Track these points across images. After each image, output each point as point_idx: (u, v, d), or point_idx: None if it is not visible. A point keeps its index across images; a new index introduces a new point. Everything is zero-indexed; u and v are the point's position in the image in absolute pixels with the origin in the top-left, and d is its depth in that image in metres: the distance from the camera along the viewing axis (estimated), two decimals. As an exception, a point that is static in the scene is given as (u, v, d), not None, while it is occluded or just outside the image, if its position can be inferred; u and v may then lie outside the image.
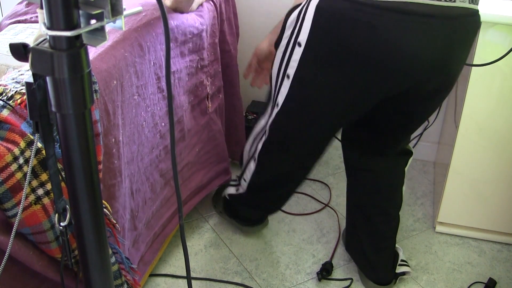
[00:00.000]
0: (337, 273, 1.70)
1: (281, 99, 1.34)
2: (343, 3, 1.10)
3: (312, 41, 1.19)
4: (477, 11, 1.18)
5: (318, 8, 1.15)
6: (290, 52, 1.26)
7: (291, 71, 1.28)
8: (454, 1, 1.09)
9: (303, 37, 1.21)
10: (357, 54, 1.13)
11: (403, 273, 1.64)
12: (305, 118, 1.34)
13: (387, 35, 1.09)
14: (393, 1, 1.06)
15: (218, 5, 1.79)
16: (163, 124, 1.48)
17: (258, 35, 2.26)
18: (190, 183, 1.75)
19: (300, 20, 1.21)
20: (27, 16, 1.54)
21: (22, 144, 0.90)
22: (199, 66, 1.66)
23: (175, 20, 1.49)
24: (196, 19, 1.58)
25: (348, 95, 1.25)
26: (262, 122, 1.51)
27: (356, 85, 1.21)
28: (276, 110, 1.38)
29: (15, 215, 0.90)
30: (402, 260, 1.66)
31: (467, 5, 1.12)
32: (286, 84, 1.30)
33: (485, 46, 1.57)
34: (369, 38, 1.10)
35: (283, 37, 1.29)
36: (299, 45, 1.22)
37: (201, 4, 1.67)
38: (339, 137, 1.60)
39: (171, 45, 1.47)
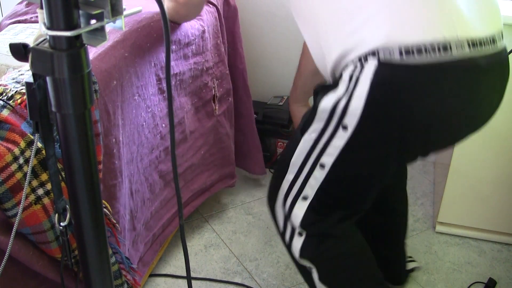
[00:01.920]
0: (337, 273, 1.71)
1: (311, 191, 1.17)
2: (405, 70, 0.94)
3: (366, 120, 1.00)
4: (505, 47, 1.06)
5: (374, 83, 0.96)
6: (327, 139, 1.08)
7: (329, 159, 1.09)
8: (496, 44, 0.99)
9: (351, 120, 1.01)
10: (421, 121, 1.01)
11: (413, 270, 1.64)
12: (350, 196, 1.20)
13: (455, 96, 0.98)
14: (459, 59, 0.93)
15: (219, 7, 1.79)
16: (163, 125, 1.48)
17: (259, 35, 2.26)
18: (192, 184, 1.75)
19: (344, 103, 1.02)
20: (27, 16, 1.54)
21: (22, 144, 0.90)
22: (204, 68, 1.66)
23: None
24: (195, 21, 1.58)
25: (401, 159, 1.15)
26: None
27: (412, 149, 1.10)
28: (307, 202, 1.20)
29: (15, 215, 0.90)
30: (409, 257, 1.65)
31: (503, 44, 1.02)
32: (319, 174, 1.13)
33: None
34: (436, 103, 0.98)
35: (311, 128, 1.10)
36: (345, 128, 1.04)
37: None
38: None
39: (173, 47, 1.47)
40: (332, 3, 1.01)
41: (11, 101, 0.94)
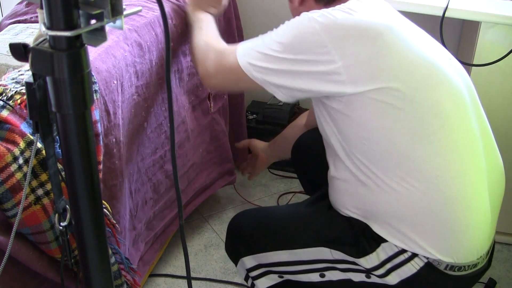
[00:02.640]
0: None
1: (294, 280, 1.25)
2: (444, 276, 1.12)
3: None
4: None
5: (416, 275, 1.12)
6: (346, 268, 1.18)
7: (334, 276, 1.20)
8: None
9: (378, 280, 1.15)
10: None
11: None
12: None
13: None
14: (475, 272, 1.15)
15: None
16: (168, 124, 1.47)
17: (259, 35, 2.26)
18: (194, 183, 1.75)
19: (378, 273, 1.14)
20: (27, 16, 1.54)
21: (22, 144, 0.90)
22: (199, 65, 1.66)
23: (174, 20, 1.49)
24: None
25: None
26: None
27: None
28: (280, 281, 1.28)
29: (15, 215, 0.90)
30: None
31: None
32: (315, 278, 1.21)
33: (485, 46, 1.57)
34: None
35: (338, 253, 1.17)
36: (368, 278, 1.17)
37: None
38: None
39: (173, 44, 1.47)
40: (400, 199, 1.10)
41: (11, 101, 0.94)
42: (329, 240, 1.17)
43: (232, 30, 1.96)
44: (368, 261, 1.13)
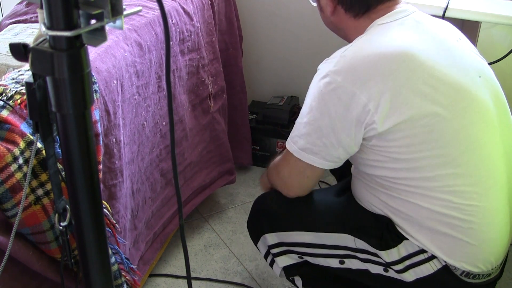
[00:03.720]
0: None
1: (312, 261, 1.28)
2: (459, 281, 1.14)
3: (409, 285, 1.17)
4: None
5: (432, 275, 1.14)
6: (366, 259, 1.20)
7: (353, 265, 1.22)
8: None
9: (394, 275, 1.18)
10: None
11: None
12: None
13: None
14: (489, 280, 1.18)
15: (216, 4, 1.79)
16: (163, 123, 1.47)
17: (259, 35, 2.26)
18: (192, 182, 1.75)
19: (396, 268, 1.17)
20: (27, 16, 1.54)
21: (22, 144, 0.90)
22: (200, 65, 1.66)
23: (173, 19, 1.49)
24: (187, 20, 1.58)
25: None
26: None
27: None
28: (300, 261, 1.31)
29: (15, 215, 0.90)
30: None
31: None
32: (334, 264, 1.24)
33: (485, 46, 1.57)
34: None
35: (360, 241, 1.20)
36: (386, 271, 1.19)
37: None
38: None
39: (171, 43, 1.47)
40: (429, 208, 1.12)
41: (11, 101, 0.94)
42: (354, 229, 1.19)
43: (234, 30, 1.96)
44: (389, 255, 1.15)
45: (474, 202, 1.10)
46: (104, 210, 1.07)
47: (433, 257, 1.13)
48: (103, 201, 1.13)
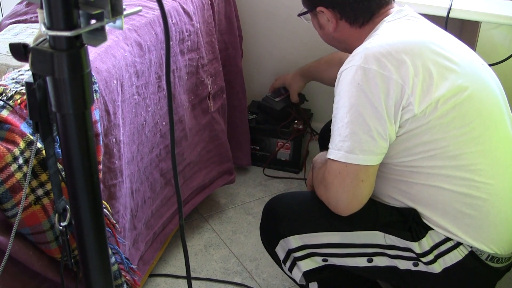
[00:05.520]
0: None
1: (337, 263, 1.25)
2: (484, 266, 1.17)
3: (439, 277, 1.18)
4: None
5: (460, 263, 1.16)
6: (396, 255, 1.19)
7: (382, 262, 1.21)
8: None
9: (424, 268, 1.18)
10: None
11: None
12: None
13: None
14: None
15: (216, 4, 1.79)
16: (163, 123, 1.48)
17: (259, 35, 2.26)
18: (191, 182, 1.75)
19: (425, 260, 1.18)
20: (27, 16, 1.54)
21: (22, 144, 0.90)
22: (199, 65, 1.66)
23: (173, 18, 1.49)
24: (187, 20, 1.58)
25: None
26: None
27: None
28: (323, 264, 1.27)
29: (15, 215, 0.90)
30: None
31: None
32: (362, 263, 1.22)
33: (485, 47, 1.57)
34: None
35: (392, 237, 1.19)
36: (416, 266, 1.19)
37: None
38: None
39: (171, 43, 1.47)
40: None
41: (11, 101, 0.94)
42: (383, 225, 1.18)
43: (233, 30, 1.96)
44: (420, 246, 1.16)
45: (496, 180, 1.12)
46: (104, 210, 1.07)
47: (459, 244, 1.14)
48: (103, 201, 1.13)
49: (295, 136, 2.14)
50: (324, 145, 1.58)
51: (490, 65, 1.47)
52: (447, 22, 1.51)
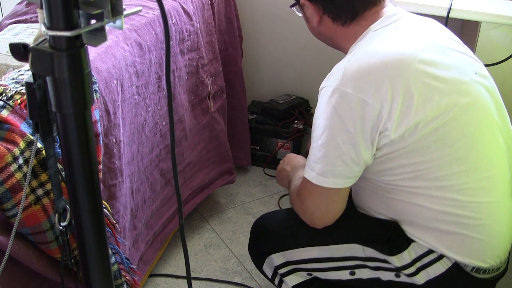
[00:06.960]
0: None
1: (322, 277, 1.26)
2: (469, 277, 1.15)
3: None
4: None
5: (443, 275, 1.14)
6: (377, 267, 1.19)
7: (364, 275, 1.21)
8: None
9: (406, 279, 1.17)
10: None
11: None
12: None
13: None
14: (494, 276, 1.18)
15: (216, 4, 1.79)
16: (163, 123, 1.48)
17: (259, 35, 2.26)
18: (191, 182, 1.75)
19: (408, 272, 1.16)
20: (27, 16, 1.54)
21: (22, 144, 0.90)
22: (199, 64, 1.66)
23: (173, 18, 1.49)
24: (187, 20, 1.58)
25: None
26: None
27: None
28: (308, 278, 1.28)
29: (14, 215, 0.90)
30: None
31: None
32: (345, 276, 1.22)
33: (485, 46, 1.57)
34: None
35: (370, 250, 1.18)
36: (398, 277, 1.18)
37: None
38: None
39: (171, 43, 1.47)
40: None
41: (11, 101, 0.94)
42: (362, 237, 1.18)
43: (233, 30, 1.96)
44: (400, 260, 1.15)
45: (481, 198, 1.09)
46: (104, 210, 1.07)
47: (442, 256, 1.13)
48: (103, 201, 1.13)
49: (295, 136, 2.14)
50: None
51: (490, 65, 1.48)
52: (447, 22, 1.51)
